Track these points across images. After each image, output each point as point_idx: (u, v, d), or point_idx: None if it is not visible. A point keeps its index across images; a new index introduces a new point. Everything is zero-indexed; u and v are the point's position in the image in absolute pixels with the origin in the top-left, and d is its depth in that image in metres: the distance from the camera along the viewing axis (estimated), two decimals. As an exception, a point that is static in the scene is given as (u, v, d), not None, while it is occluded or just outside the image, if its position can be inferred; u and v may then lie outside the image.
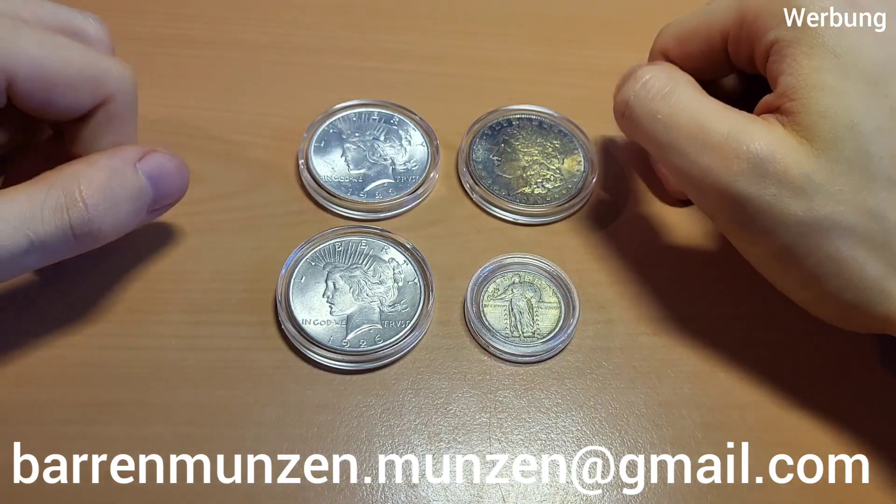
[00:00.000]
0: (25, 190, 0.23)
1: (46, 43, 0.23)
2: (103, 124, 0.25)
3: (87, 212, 0.23)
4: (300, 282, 0.28)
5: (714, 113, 0.26)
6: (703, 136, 0.25)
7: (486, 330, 0.27)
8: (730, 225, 0.26)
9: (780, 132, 0.24)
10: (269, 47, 0.36)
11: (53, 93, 0.24)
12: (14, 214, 0.22)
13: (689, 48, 0.29)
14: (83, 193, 0.23)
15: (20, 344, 0.26)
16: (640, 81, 0.27)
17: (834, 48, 0.24)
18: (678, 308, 0.29)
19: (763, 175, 0.24)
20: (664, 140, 0.26)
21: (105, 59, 0.25)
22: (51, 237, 0.23)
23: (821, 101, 0.24)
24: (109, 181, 0.24)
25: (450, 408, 0.26)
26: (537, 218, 0.31)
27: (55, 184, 0.23)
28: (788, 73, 0.25)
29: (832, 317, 0.26)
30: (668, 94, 0.26)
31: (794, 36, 0.25)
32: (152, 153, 0.26)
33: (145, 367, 0.26)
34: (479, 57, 0.36)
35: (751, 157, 0.24)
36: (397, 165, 0.31)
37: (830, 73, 0.24)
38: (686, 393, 0.27)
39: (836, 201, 0.24)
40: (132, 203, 0.25)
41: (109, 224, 0.24)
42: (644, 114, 0.27)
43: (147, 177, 0.25)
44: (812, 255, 0.24)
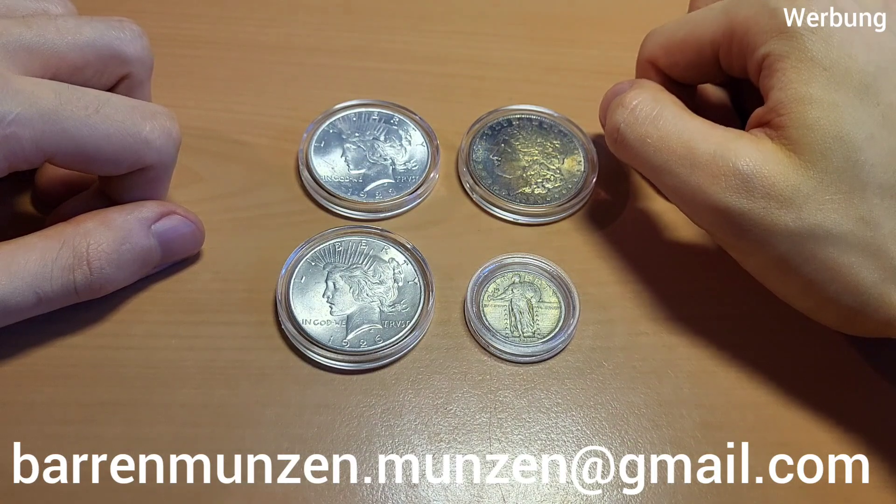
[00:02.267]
0: (40, 244, 0.24)
1: (88, 120, 0.23)
2: (136, 183, 0.26)
3: (90, 275, 0.25)
4: (300, 282, 0.28)
5: (701, 133, 0.26)
6: (692, 157, 0.26)
7: (486, 330, 0.27)
8: (726, 238, 0.26)
9: (768, 146, 0.25)
10: (269, 47, 0.36)
11: (91, 166, 0.25)
12: (28, 272, 0.24)
13: (678, 58, 0.29)
14: (90, 256, 0.25)
15: (20, 344, 0.26)
16: (629, 108, 0.27)
17: (822, 60, 0.24)
18: (678, 308, 0.29)
19: (751, 190, 0.24)
20: (656, 163, 0.27)
21: (147, 125, 0.25)
22: (56, 294, 0.24)
23: (808, 114, 0.24)
24: (119, 244, 0.25)
25: (450, 408, 0.26)
26: (537, 218, 0.31)
27: (67, 241, 0.24)
28: (778, 87, 0.25)
29: (833, 322, 0.26)
30: (655, 118, 0.27)
31: (783, 50, 0.25)
32: (170, 216, 0.27)
33: (146, 367, 0.26)
34: (479, 57, 0.36)
35: (737, 173, 0.25)
36: (397, 165, 0.31)
37: (819, 85, 0.24)
38: (686, 393, 0.27)
39: (827, 210, 0.24)
40: (138, 264, 0.26)
41: (112, 283, 0.26)
42: (635, 139, 0.27)
43: (159, 239, 0.26)
44: (807, 264, 0.24)
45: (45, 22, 0.25)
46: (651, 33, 0.30)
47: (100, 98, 0.24)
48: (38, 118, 0.22)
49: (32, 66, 0.24)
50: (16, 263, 0.23)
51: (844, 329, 0.26)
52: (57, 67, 0.24)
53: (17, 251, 0.24)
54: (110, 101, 0.24)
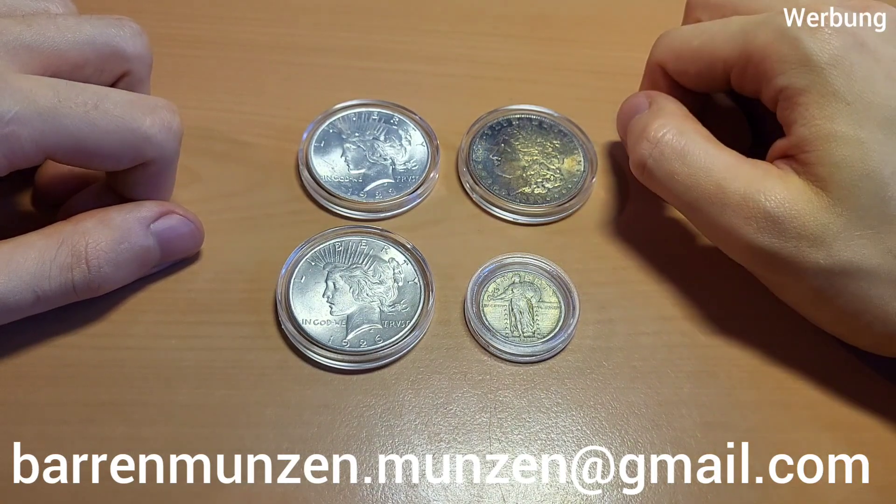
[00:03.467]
0: (38, 243, 0.24)
1: (88, 116, 0.23)
2: (140, 178, 0.26)
3: (88, 273, 0.25)
4: (300, 282, 0.28)
5: (730, 170, 0.26)
6: (722, 196, 0.26)
7: (486, 330, 0.27)
8: (760, 272, 0.27)
9: (796, 184, 0.25)
10: (269, 47, 0.36)
11: (92, 163, 0.25)
12: (26, 270, 0.24)
13: (688, 67, 0.29)
14: (88, 255, 0.25)
15: (20, 344, 0.26)
16: (654, 143, 0.27)
17: (845, 95, 0.24)
18: (678, 308, 0.29)
19: (782, 230, 0.25)
20: (686, 200, 0.27)
21: (147, 119, 0.24)
22: (55, 292, 0.24)
23: (835, 153, 0.24)
24: (117, 243, 0.25)
25: (450, 408, 0.26)
26: (537, 218, 0.31)
27: (66, 240, 0.24)
28: (801, 123, 0.25)
29: (869, 346, 0.27)
30: (682, 153, 0.27)
31: (804, 84, 0.25)
32: (169, 215, 0.27)
33: (145, 367, 0.26)
34: (479, 57, 0.36)
35: (768, 214, 0.25)
36: (397, 165, 0.31)
37: (843, 121, 0.24)
38: (686, 393, 0.27)
39: (857, 246, 0.24)
40: (136, 264, 0.26)
41: (110, 282, 0.26)
42: (663, 175, 0.27)
43: (158, 239, 0.26)
44: (840, 296, 0.25)
45: (45, 20, 0.25)
46: (664, 36, 0.30)
47: (98, 94, 0.24)
48: (37, 116, 0.22)
49: (32, 65, 0.24)
50: (14, 262, 0.23)
51: (880, 352, 0.27)
52: (57, 65, 0.24)
53: (16, 250, 0.24)
54: (109, 97, 0.24)
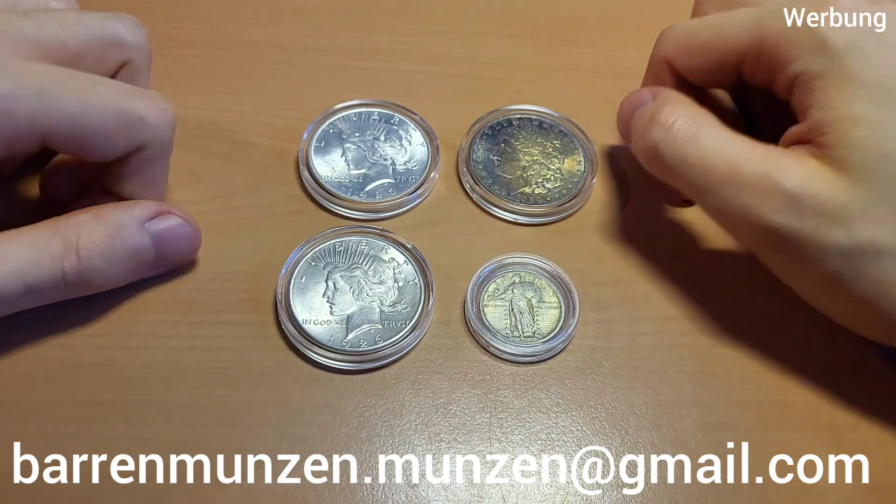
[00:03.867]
0: (31, 233, 0.24)
1: (82, 96, 0.23)
2: (134, 168, 0.26)
3: (79, 264, 0.24)
4: (300, 282, 0.28)
5: (744, 152, 0.26)
6: (738, 178, 0.25)
7: (486, 330, 0.27)
8: (773, 256, 0.26)
9: (813, 165, 0.25)
10: (269, 47, 0.36)
11: (87, 145, 0.24)
12: (16, 258, 0.23)
13: (698, 61, 0.28)
14: (80, 245, 0.24)
15: (20, 344, 0.26)
16: (666, 127, 0.27)
17: (863, 78, 0.24)
18: (678, 308, 0.29)
19: (801, 209, 0.24)
20: (699, 184, 0.26)
21: (141, 103, 0.25)
22: (44, 283, 0.24)
23: (854, 133, 0.24)
24: (111, 238, 0.25)
25: (450, 408, 0.26)
26: (537, 218, 0.31)
27: (59, 231, 0.24)
28: (818, 107, 0.25)
29: (881, 336, 0.26)
30: (695, 137, 0.26)
31: (820, 68, 0.25)
32: (165, 215, 0.26)
33: (145, 367, 0.26)
34: (479, 57, 0.36)
35: (786, 193, 0.24)
36: (397, 165, 0.31)
37: (861, 103, 0.24)
38: (686, 393, 0.27)
39: (878, 226, 0.24)
40: (130, 262, 0.26)
41: (102, 278, 0.25)
42: (675, 160, 0.27)
43: (153, 238, 0.26)
44: (858, 280, 0.24)
45: (46, 14, 0.25)
46: (668, 31, 0.29)
47: (94, 78, 0.24)
48: (32, 95, 0.23)
49: (33, 54, 0.24)
50: (5, 250, 0.23)
51: (891, 342, 0.26)
52: (57, 56, 0.25)
53: (8, 239, 0.24)
54: (105, 82, 0.25)
